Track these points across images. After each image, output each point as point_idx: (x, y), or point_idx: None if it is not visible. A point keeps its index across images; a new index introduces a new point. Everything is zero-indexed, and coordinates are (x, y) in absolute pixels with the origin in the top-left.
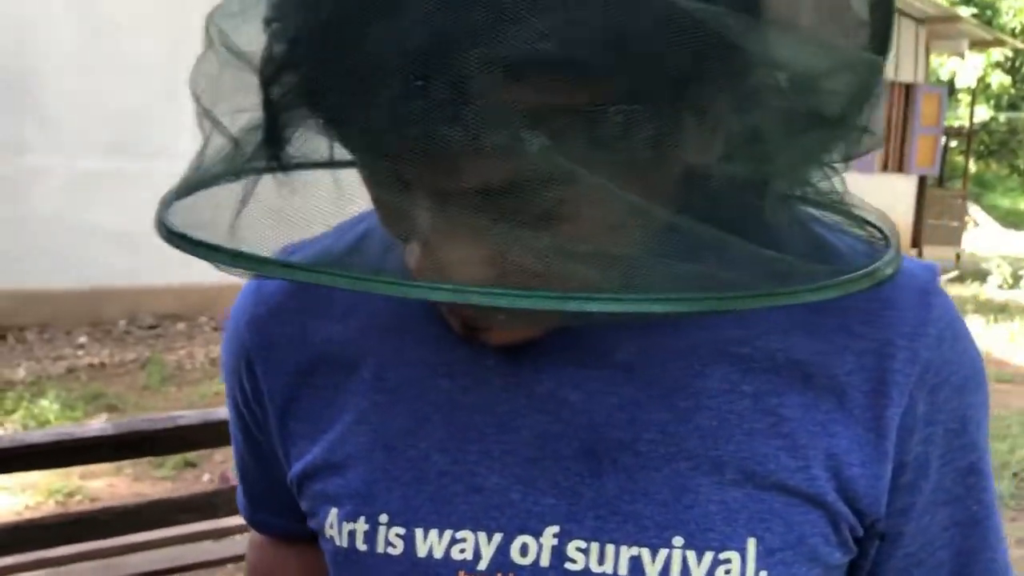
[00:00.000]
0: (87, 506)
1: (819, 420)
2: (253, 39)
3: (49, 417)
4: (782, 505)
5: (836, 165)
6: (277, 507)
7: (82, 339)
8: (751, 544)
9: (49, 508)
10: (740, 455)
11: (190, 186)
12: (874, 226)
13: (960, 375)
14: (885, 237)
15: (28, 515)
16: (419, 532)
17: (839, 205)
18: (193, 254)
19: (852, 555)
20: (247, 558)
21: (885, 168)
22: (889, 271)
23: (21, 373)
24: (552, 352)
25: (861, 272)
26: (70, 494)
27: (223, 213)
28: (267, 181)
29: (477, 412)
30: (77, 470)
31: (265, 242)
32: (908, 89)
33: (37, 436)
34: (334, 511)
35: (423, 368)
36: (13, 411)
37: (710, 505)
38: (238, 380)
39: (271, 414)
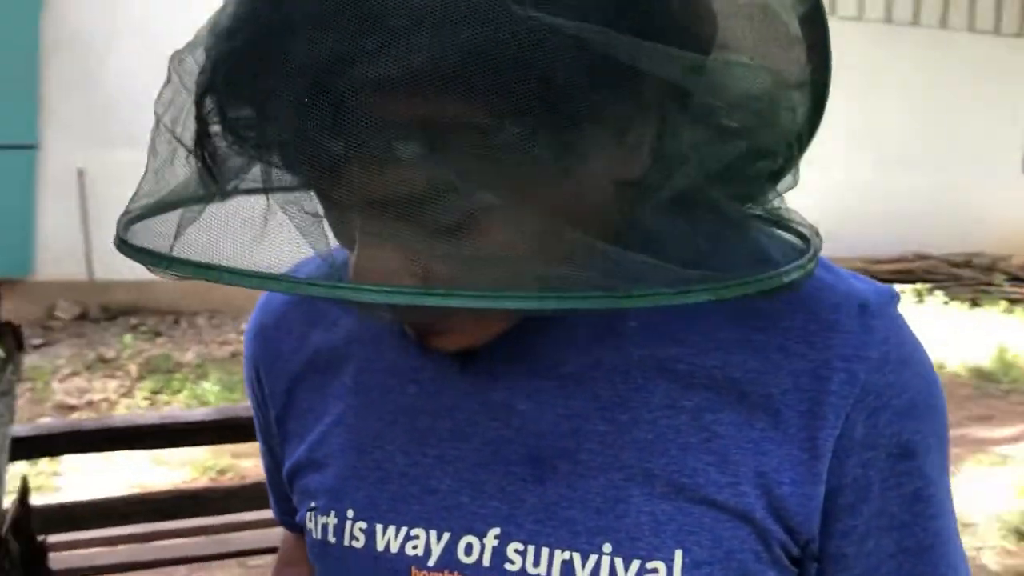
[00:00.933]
0: (201, 484)
1: (752, 438)
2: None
3: (209, 398)
4: (711, 520)
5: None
6: (294, 508)
7: (246, 325)
8: (678, 555)
9: (203, 482)
10: (671, 468)
11: (150, 205)
12: (799, 235)
13: (904, 399)
14: (807, 244)
15: (183, 487)
16: (379, 528)
17: (766, 214)
18: (145, 263)
19: (790, 575)
20: (280, 547)
21: None
22: (780, 281)
23: (189, 356)
24: (507, 362)
25: (738, 280)
26: (222, 471)
27: (173, 225)
28: (204, 192)
29: (437, 417)
30: (228, 448)
31: (209, 251)
32: None
33: (147, 418)
34: (312, 504)
35: (395, 374)
36: (179, 391)
37: (640, 515)
38: (251, 388)
39: (272, 418)
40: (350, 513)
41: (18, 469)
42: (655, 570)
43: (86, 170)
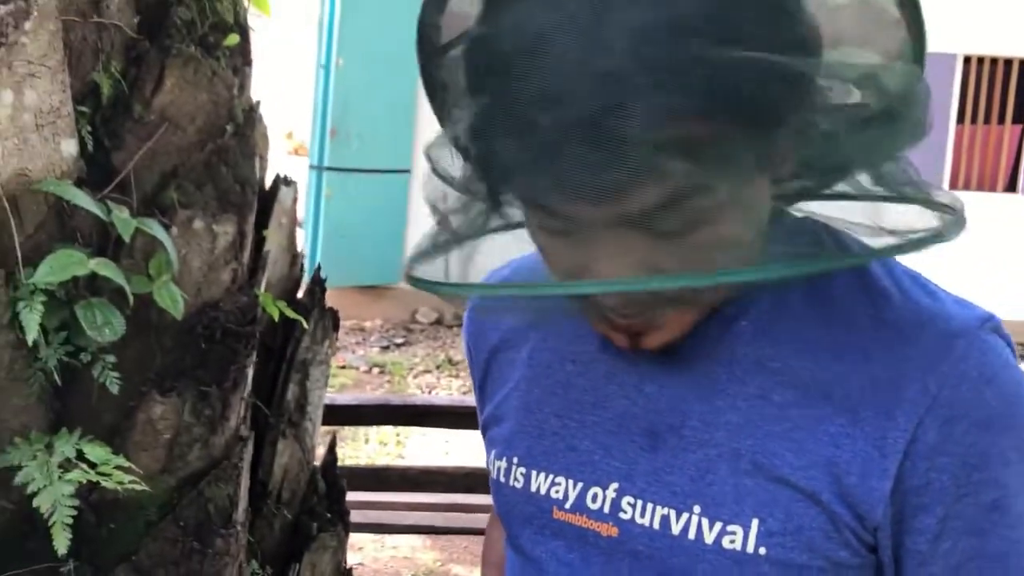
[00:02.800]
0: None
1: (830, 432)
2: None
3: None
4: (785, 498)
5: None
6: None
7: None
8: (754, 523)
9: None
10: (755, 449)
11: (427, 249)
12: (944, 205)
13: (984, 413)
14: (949, 210)
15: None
16: (534, 473)
17: (907, 190)
18: (426, 290)
19: (865, 560)
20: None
21: None
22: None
23: None
24: (641, 351)
25: (868, 251)
26: None
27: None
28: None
29: (584, 391)
30: None
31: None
32: None
33: (440, 399)
34: (493, 452)
35: (558, 354)
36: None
37: (725, 486)
38: (468, 355)
39: (476, 382)
40: (515, 460)
41: (375, 435)
42: (734, 532)
43: None
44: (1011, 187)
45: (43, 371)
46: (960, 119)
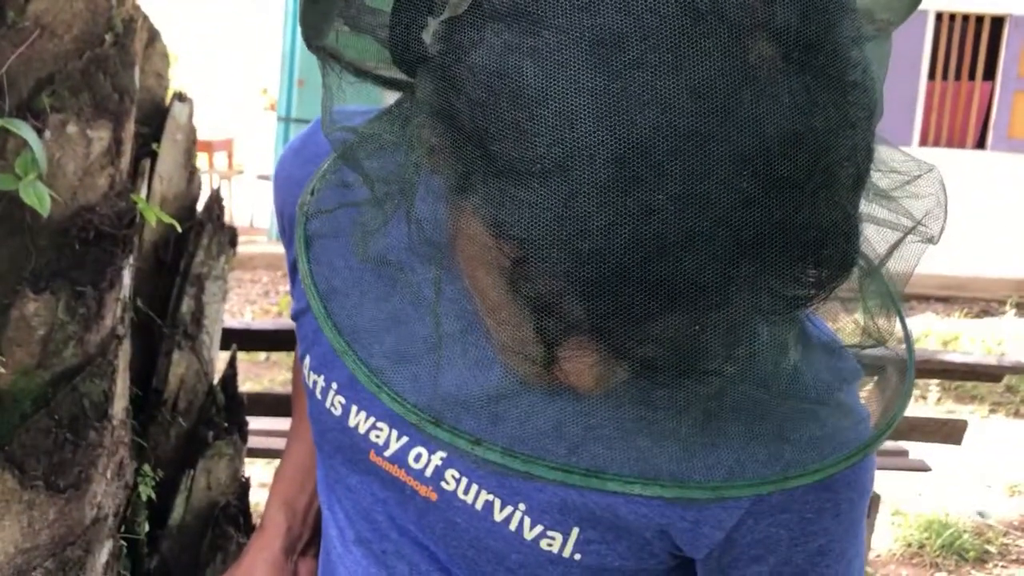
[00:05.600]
0: None
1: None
2: None
3: None
4: (610, 520)
5: None
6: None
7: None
8: (575, 532)
9: None
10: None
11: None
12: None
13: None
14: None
15: None
16: (354, 408)
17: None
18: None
19: (678, 562)
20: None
21: None
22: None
23: None
24: None
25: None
26: None
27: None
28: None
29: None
30: None
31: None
32: None
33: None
34: (308, 359)
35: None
36: None
37: (555, 496)
38: (279, 219)
39: (289, 256)
40: (334, 385)
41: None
42: (553, 538)
43: None
44: (980, 144)
45: None
46: (931, 75)
